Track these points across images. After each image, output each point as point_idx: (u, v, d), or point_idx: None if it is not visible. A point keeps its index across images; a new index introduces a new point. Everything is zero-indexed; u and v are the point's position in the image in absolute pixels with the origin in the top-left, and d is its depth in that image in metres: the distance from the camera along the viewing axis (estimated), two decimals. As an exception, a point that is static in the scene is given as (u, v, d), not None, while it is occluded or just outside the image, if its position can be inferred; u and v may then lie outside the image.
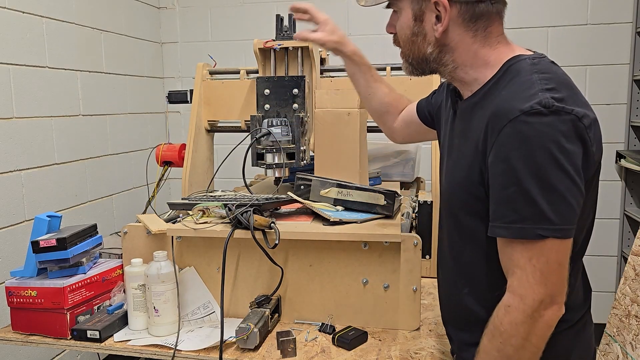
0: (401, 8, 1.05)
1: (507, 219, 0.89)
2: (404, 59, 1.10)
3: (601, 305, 2.80)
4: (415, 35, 1.04)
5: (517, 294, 0.89)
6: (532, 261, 0.88)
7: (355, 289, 1.40)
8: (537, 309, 0.88)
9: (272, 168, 1.74)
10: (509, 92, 0.92)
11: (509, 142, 0.88)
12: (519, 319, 0.89)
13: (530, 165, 0.86)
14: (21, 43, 2.23)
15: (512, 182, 0.88)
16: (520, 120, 0.87)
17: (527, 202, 0.87)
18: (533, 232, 0.87)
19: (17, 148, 2.21)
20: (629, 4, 2.89)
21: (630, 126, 2.95)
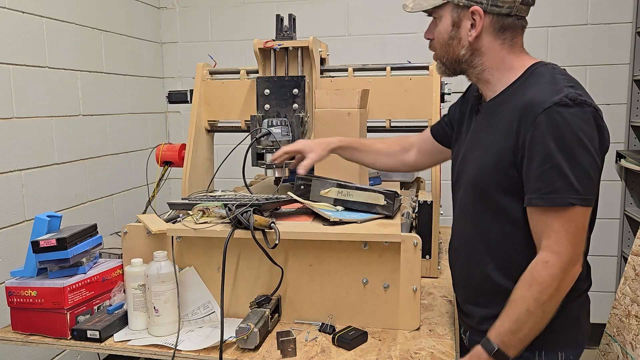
0: (442, 16, 1.22)
1: (543, 191, 1.08)
2: (439, 60, 1.27)
3: (601, 305, 2.80)
4: (451, 38, 1.22)
5: (554, 251, 1.08)
6: (564, 226, 1.07)
7: (355, 289, 1.40)
8: (568, 264, 1.08)
9: (272, 168, 1.74)
10: (538, 89, 1.12)
11: (544, 128, 1.07)
12: (555, 273, 1.08)
13: (562, 146, 1.06)
14: (21, 43, 2.23)
15: (547, 160, 1.07)
16: (552, 110, 1.06)
17: (559, 176, 1.06)
18: (565, 200, 1.06)
19: (17, 148, 2.21)
20: (629, 4, 2.89)
21: (630, 126, 2.95)
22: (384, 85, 1.92)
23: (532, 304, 1.10)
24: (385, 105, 1.92)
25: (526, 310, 1.10)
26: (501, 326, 1.14)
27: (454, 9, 1.20)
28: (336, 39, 3.12)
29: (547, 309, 1.11)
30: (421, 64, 1.92)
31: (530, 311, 1.10)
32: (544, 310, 1.11)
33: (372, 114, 1.88)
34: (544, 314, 1.11)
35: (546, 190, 1.07)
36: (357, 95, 1.65)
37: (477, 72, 1.23)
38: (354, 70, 1.95)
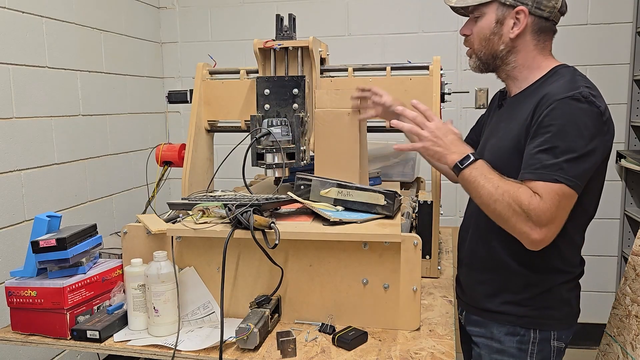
0: (485, 13, 1.33)
1: (534, 167, 1.20)
2: (475, 55, 1.38)
3: (601, 305, 2.80)
4: (493, 34, 1.33)
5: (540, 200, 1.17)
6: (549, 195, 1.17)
7: (355, 289, 1.40)
8: (539, 218, 1.17)
9: (272, 168, 1.74)
10: (558, 85, 1.25)
11: (552, 114, 1.19)
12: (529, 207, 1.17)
13: (562, 132, 1.18)
14: (21, 43, 2.23)
15: (546, 142, 1.19)
16: (564, 101, 1.19)
17: (552, 157, 1.18)
18: (551, 176, 1.18)
19: (17, 148, 2.21)
20: (629, 4, 2.89)
21: (630, 126, 2.95)
22: (384, 85, 1.91)
23: (498, 195, 1.20)
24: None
25: (495, 187, 1.21)
26: (485, 169, 1.25)
27: (499, 7, 1.31)
28: (336, 39, 3.12)
29: (495, 209, 1.22)
30: (421, 64, 1.92)
31: (492, 194, 1.21)
32: (494, 207, 1.21)
33: (372, 114, 1.88)
34: (489, 205, 1.22)
35: (537, 167, 1.19)
36: (357, 95, 1.65)
37: (508, 68, 1.36)
38: (354, 70, 1.95)
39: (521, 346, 1.36)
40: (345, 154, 1.66)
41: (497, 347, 1.39)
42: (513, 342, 1.36)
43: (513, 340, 1.36)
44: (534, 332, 1.35)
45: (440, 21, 3.08)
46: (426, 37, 3.11)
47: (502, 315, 1.37)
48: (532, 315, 1.35)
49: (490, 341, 1.40)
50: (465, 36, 1.41)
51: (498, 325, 1.38)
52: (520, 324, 1.36)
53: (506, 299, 1.37)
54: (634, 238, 1.87)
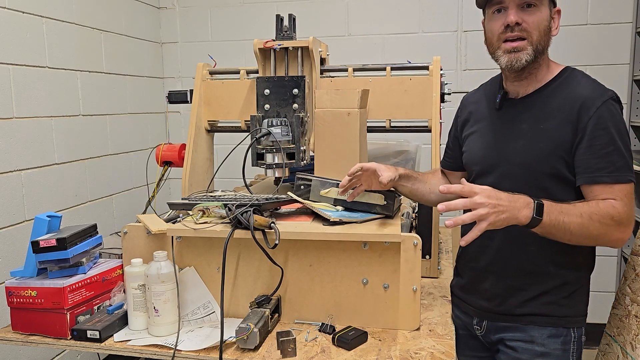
0: (543, 4, 1.31)
1: (607, 170, 1.23)
2: (533, 47, 1.31)
3: (601, 305, 2.80)
4: (547, 28, 1.32)
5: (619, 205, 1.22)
6: (627, 197, 1.23)
7: (355, 289, 1.40)
8: (624, 220, 1.22)
9: (272, 168, 1.74)
10: (589, 86, 1.31)
11: (605, 116, 1.24)
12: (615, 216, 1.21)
13: (620, 133, 1.25)
14: (21, 43, 2.23)
15: (610, 143, 1.24)
16: (609, 103, 1.26)
17: (620, 157, 1.24)
18: (626, 177, 1.24)
19: (17, 148, 2.21)
20: (629, 4, 2.89)
21: (631, 126, 2.95)
22: (384, 85, 1.92)
23: (587, 222, 1.20)
24: (385, 105, 1.92)
25: (579, 216, 1.20)
26: (555, 206, 1.20)
27: (549, 4, 1.33)
28: (336, 39, 3.12)
29: (589, 234, 1.21)
30: (421, 64, 1.92)
31: (581, 224, 1.20)
32: (587, 233, 1.21)
33: (372, 114, 1.88)
34: (582, 234, 1.21)
35: (610, 169, 1.23)
36: (357, 95, 1.65)
37: (535, 66, 1.34)
38: (354, 70, 1.95)
39: (565, 347, 1.37)
40: (345, 154, 1.66)
41: (540, 350, 1.37)
42: (558, 344, 1.36)
43: (557, 342, 1.36)
44: (574, 330, 1.37)
45: (440, 21, 3.08)
46: (426, 37, 3.11)
47: (544, 318, 1.37)
48: (571, 314, 1.37)
49: (532, 345, 1.38)
50: (517, 25, 1.29)
51: (539, 329, 1.37)
52: (562, 324, 1.36)
53: (546, 300, 1.37)
54: (634, 238, 1.87)
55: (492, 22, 1.34)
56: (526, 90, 1.38)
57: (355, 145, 1.66)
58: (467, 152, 1.50)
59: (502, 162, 1.38)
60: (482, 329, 1.47)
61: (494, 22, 1.33)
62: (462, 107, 1.58)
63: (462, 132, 1.54)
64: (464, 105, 1.57)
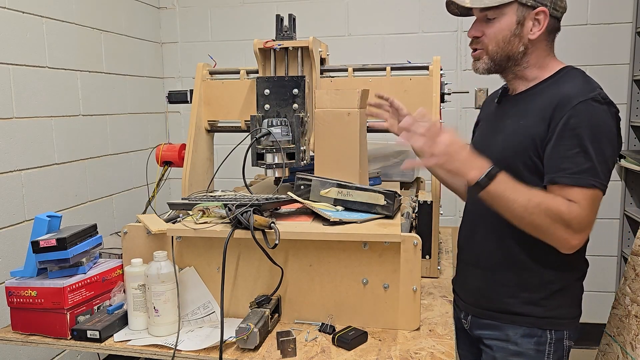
0: (504, 14, 1.31)
1: (569, 171, 1.20)
2: (489, 57, 1.36)
3: (601, 305, 2.79)
4: (514, 36, 1.31)
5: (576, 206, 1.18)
6: (585, 201, 1.19)
7: (355, 289, 1.40)
8: (577, 224, 1.19)
9: (272, 168, 1.74)
10: (575, 84, 1.27)
11: (578, 116, 1.20)
12: (566, 215, 1.18)
13: (592, 135, 1.19)
14: (21, 43, 2.23)
15: (577, 144, 1.19)
16: (588, 103, 1.21)
17: (586, 160, 1.19)
18: (588, 182, 1.19)
19: (17, 148, 2.21)
20: (629, 4, 2.89)
21: (630, 126, 2.95)
22: (384, 85, 1.92)
23: (533, 208, 1.19)
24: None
25: (527, 199, 1.20)
26: (509, 181, 1.22)
27: (519, 8, 1.30)
28: (336, 39, 3.12)
29: (532, 221, 1.21)
30: (421, 64, 1.92)
31: (525, 207, 1.20)
32: (530, 219, 1.21)
33: (372, 114, 1.88)
34: (524, 218, 1.21)
35: (573, 171, 1.20)
36: (357, 95, 1.65)
37: (518, 69, 1.36)
38: (354, 70, 1.95)
39: (539, 347, 1.36)
40: (345, 154, 1.66)
41: (513, 349, 1.38)
42: (531, 344, 1.36)
43: (531, 342, 1.36)
44: (550, 332, 1.35)
45: (440, 21, 3.08)
46: (426, 37, 3.11)
47: (520, 317, 1.37)
48: (549, 316, 1.35)
49: (506, 344, 1.39)
50: (476, 38, 1.38)
51: (514, 327, 1.38)
52: (538, 324, 1.35)
53: (524, 299, 1.36)
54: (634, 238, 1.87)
55: None
56: (519, 89, 1.40)
57: (355, 145, 1.66)
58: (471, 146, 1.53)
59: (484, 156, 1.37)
60: (468, 323, 1.50)
61: None
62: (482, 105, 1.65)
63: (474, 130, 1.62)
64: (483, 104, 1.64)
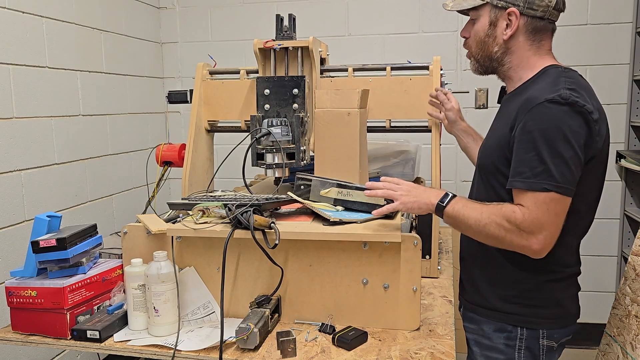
0: (479, 15, 1.34)
1: (523, 175, 1.20)
2: (474, 57, 1.40)
3: (601, 305, 2.79)
4: (487, 37, 1.34)
5: (523, 211, 1.19)
6: (536, 204, 1.18)
7: (355, 289, 1.40)
8: (527, 227, 1.19)
9: (272, 168, 1.74)
10: (540, 87, 1.25)
11: (533, 119, 1.19)
12: (514, 220, 1.20)
13: (545, 137, 1.17)
14: (21, 43, 2.23)
15: (531, 148, 1.19)
16: (543, 105, 1.19)
17: (539, 163, 1.17)
18: (540, 185, 1.18)
19: (17, 148, 2.21)
20: (629, 4, 2.89)
21: (630, 126, 2.95)
22: (384, 85, 1.92)
23: (485, 220, 1.23)
24: (385, 105, 1.92)
25: (480, 213, 1.25)
26: (464, 202, 1.29)
27: (492, 10, 1.32)
28: (336, 39, 3.12)
29: (488, 233, 1.24)
30: (421, 64, 1.92)
31: (479, 220, 1.24)
32: (485, 232, 1.24)
33: (372, 114, 1.88)
34: (481, 232, 1.25)
35: (526, 175, 1.20)
36: (357, 95, 1.65)
37: (504, 69, 1.38)
38: (354, 70, 1.95)
39: (509, 342, 1.37)
40: (345, 154, 1.66)
41: (487, 343, 1.40)
42: (501, 339, 1.38)
43: (501, 337, 1.38)
44: (522, 329, 1.36)
45: (440, 21, 3.08)
46: (426, 37, 3.11)
47: (492, 312, 1.38)
48: (519, 313, 1.35)
49: (482, 338, 1.41)
50: (465, 38, 1.43)
51: (488, 322, 1.40)
52: (508, 321, 1.36)
53: (496, 294, 1.38)
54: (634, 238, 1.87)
55: None
56: (509, 90, 1.42)
57: (355, 145, 1.66)
58: None
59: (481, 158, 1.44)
60: (462, 317, 1.52)
61: None
62: None
63: None
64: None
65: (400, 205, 1.32)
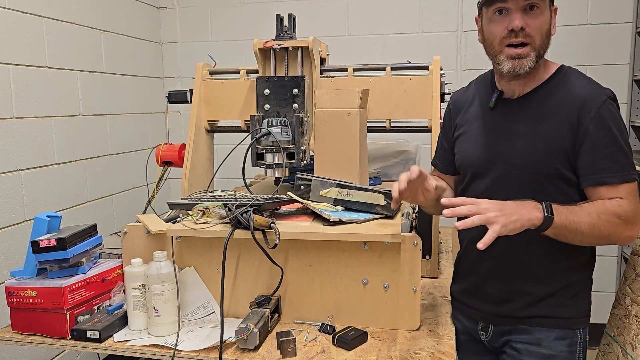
0: (543, 7, 1.27)
1: (612, 170, 1.23)
2: (535, 52, 1.27)
3: (601, 305, 2.79)
4: (549, 30, 1.30)
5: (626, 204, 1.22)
6: (631, 195, 1.23)
7: (355, 289, 1.40)
8: (633, 218, 1.23)
9: (272, 168, 1.74)
10: (587, 87, 1.30)
11: (605, 117, 1.24)
12: (622, 214, 1.21)
13: (620, 132, 1.24)
14: (21, 43, 2.23)
15: (613, 143, 1.23)
16: (609, 102, 1.25)
17: (624, 157, 1.24)
18: (631, 176, 1.24)
19: (17, 148, 2.21)
20: (629, 4, 2.89)
21: (631, 126, 2.95)
22: (384, 85, 1.92)
23: (597, 221, 1.20)
24: (385, 105, 1.92)
25: (588, 215, 1.21)
26: (562, 207, 1.21)
27: (549, 3, 1.29)
28: (336, 39, 3.12)
29: (600, 233, 1.22)
30: (421, 64, 1.92)
31: (592, 223, 1.20)
32: (598, 232, 1.21)
33: (372, 114, 1.88)
34: (593, 234, 1.21)
35: (615, 169, 1.23)
36: (357, 95, 1.65)
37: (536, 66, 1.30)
38: (354, 70, 1.95)
39: (571, 348, 1.36)
40: (345, 154, 1.66)
41: (546, 353, 1.35)
42: (564, 346, 1.35)
43: (563, 344, 1.35)
44: (580, 331, 1.37)
45: (440, 21, 3.08)
46: (426, 37, 3.11)
47: (550, 320, 1.35)
48: (576, 315, 1.37)
49: (538, 347, 1.36)
50: (521, 30, 1.25)
51: (545, 331, 1.35)
52: (569, 325, 1.35)
53: (553, 302, 1.35)
54: (635, 238, 1.87)
55: (493, 25, 1.28)
56: (522, 90, 1.34)
57: (355, 145, 1.66)
58: (460, 153, 1.44)
59: (498, 164, 1.34)
60: (488, 334, 1.44)
61: (496, 25, 1.28)
62: (453, 106, 1.51)
63: (453, 133, 1.48)
64: (455, 105, 1.50)
65: (502, 229, 1.13)
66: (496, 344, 1.44)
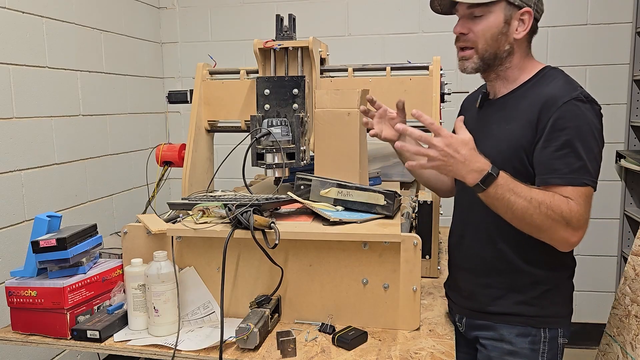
0: (492, 11, 1.30)
1: (561, 172, 1.21)
2: (478, 55, 1.34)
3: (601, 305, 2.80)
4: (501, 34, 1.31)
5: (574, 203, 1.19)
6: (580, 199, 1.20)
7: (355, 289, 1.40)
8: (576, 221, 1.19)
9: (272, 168, 1.74)
10: (557, 86, 1.28)
11: (563, 117, 1.22)
12: (566, 212, 1.18)
13: (579, 134, 1.21)
14: (21, 43, 2.23)
15: (567, 145, 1.21)
16: (571, 103, 1.22)
17: (577, 159, 1.20)
18: (581, 180, 1.20)
19: (17, 148, 2.21)
20: (629, 4, 2.89)
21: (630, 126, 2.95)
22: (384, 85, 1.92)
23: (534, 209, 1.19)
24: (385, 105, 1.91)
25: (528, 200, 1.18)
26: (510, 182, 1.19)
27: (507, 7, 1.30)
28: (336, 39, 3.12)
29: (532, 222, 1.20)
30: (421, 64, 1.92)
31: (526, 208, 1.18)
32: (530, 220, 1.20)
33: (372, 114, 1.88)
34: (525, 219, 1.20)
35: (564, 171, 1.21)
36: (357, 95, 1.65)
37: (502, 69, 1.36)
38: (354, 70, 1.95)
39: (533, 346, 1.36)
40: (345, 154, 1.66)
41: (508, 348, 1.37)
42: (525, 343, 1.36)
43: (525, 341, 1.36)
44: (544, 331, 1.36)
45: (440, 21, 3.06)
46: (426, 37, 3.11)
47: (513, 317, 1.36)
48: (541, 314, 1.35)
49: (501, 343, 1.38)
50: (462, 35, 1.35)
51: (508, 327, 1.37)
52: (531, 323, 1.35)
53: (516, 299, 1.36)
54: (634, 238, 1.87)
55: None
56: (500, 92, 1.39)
57: (355, 145, 1.66)
58: None
59: None
60: (463, 325, 1.48)
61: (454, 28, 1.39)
62: (461, 107, 1.60)
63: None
64: (463, 106, 1.60)
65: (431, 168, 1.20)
66: (469, 337, 1.47)
